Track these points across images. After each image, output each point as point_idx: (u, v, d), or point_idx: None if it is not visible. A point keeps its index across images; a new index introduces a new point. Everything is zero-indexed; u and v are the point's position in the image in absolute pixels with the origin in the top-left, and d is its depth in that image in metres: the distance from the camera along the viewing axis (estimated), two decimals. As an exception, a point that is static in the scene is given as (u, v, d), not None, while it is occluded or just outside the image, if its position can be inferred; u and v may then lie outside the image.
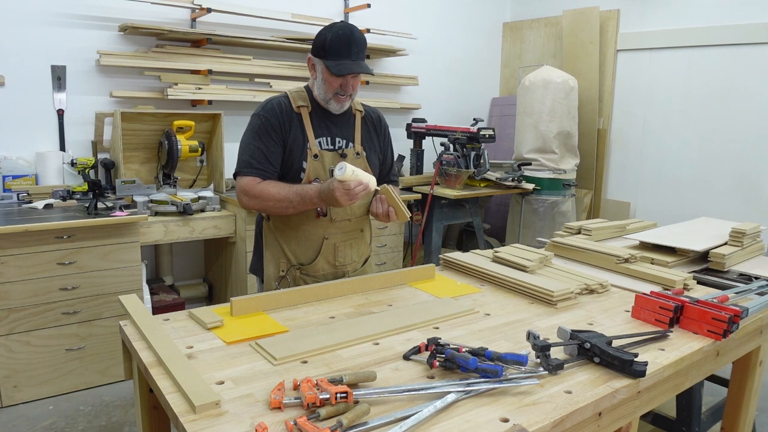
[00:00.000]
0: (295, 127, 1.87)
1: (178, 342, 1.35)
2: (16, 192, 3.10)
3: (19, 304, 2.65)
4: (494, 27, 5.48)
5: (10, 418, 2.60)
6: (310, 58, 1.87)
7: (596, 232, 2.43)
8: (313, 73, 1.88)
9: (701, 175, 4.24)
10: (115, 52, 3.42)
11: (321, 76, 1.84)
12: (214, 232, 3.33)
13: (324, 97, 1.88)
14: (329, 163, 1.89)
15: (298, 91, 1.93)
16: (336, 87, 1.84)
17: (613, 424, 1.27)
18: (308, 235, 1.93)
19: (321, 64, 1.82)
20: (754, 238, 2.31)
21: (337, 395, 1.04)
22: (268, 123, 1.85)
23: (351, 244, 2.00)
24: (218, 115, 3.59)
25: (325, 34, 1.80)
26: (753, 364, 1.92)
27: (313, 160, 1.87)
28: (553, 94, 4.34)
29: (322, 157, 1.89)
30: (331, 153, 1.91)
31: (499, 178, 4.21)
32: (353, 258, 2.02)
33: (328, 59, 1.79)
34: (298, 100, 1.90)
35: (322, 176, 1.88)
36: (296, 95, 1.91)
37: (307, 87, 1.95)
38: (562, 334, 1.34)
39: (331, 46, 1.78)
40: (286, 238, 1.94)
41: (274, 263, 1.96)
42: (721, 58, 4.05)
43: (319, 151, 1.89)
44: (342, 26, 1.81)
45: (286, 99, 1.90)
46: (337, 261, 1.98)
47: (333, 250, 1.96)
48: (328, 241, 1.94)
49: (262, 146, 1.84)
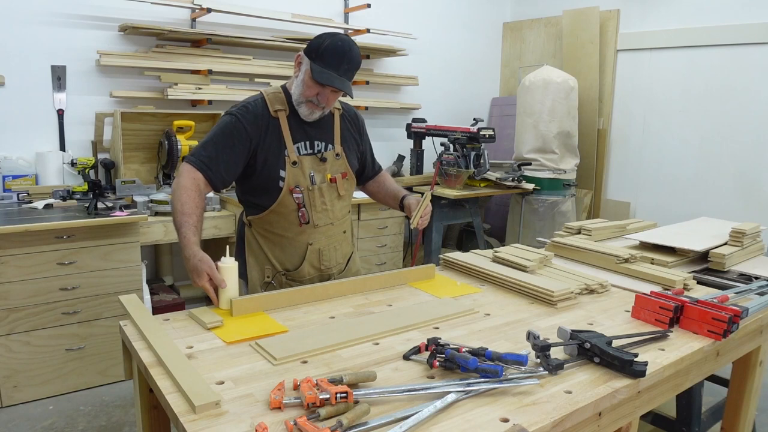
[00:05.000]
0: (271, 134, 1.79)
1: (178, 342, 1.35)
2: (16, 192, 3.10)
3: (19, 304, 2.65)
4: (494, 27, 5.48)
5: (10, 418, 2.60)
6: (300, 55, 1.77)
7: (596, 232, 2.43)
8: (297, 71, 1.79)
9: (701, 175, 4.24)
10: (115, 52, 3.42)
11: (303, 77, 1.76)
12: (214, 232, 3.33)
13: (297, 97, 1.79)
14: (309, 169, 1.84)
15: (275, 93, 1.84)
16: (312, 94, 1.76)
17: (613, 424, 1.27)
18: (292, 242, 1.89)
19: (308, 65, 1.74)
20: (754, 238, 2.31)
21: (337, 395, 1.04)
22: (240, 127, 1.75)
23: (335, 246, 1.97)
24: (218, 115, 3.59)
25: (324, 39, 1.74)
26: (753, 364, 1.92)
27: (292, 167, 1.81)
28: (553, 94, 4.34)
29: (301, 164, 1.82)
30: (310, 157, 1.85)
31: (499, 178, 4.21)
32: (338, 260, 1.99)
33: (316, 63, 1.72)
34: (275, 103, 1.81)
35: (303, 183, 1.83)
36: (273, 98, 1.82)
37: (284, 87, 1.86)
38: (562, 334, 1.34)
39: (325, 52, 1.71)
40: (270, 245, 1.89)
41: (258, 269, 1.91)
42: (721, 58, 4.05)
43: (297, 158, 1.82)
44: (342, 39, 1.75)
45: (263, 102, 1.80)
46: (322, 265, 1.94)
47: (318, 255, 1.92)
48: (313, 247, 1.90)
49: (220, 148, 1.74)
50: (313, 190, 1.85)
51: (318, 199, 1.87)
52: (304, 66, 1.76)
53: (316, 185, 1.85)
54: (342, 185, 1.92)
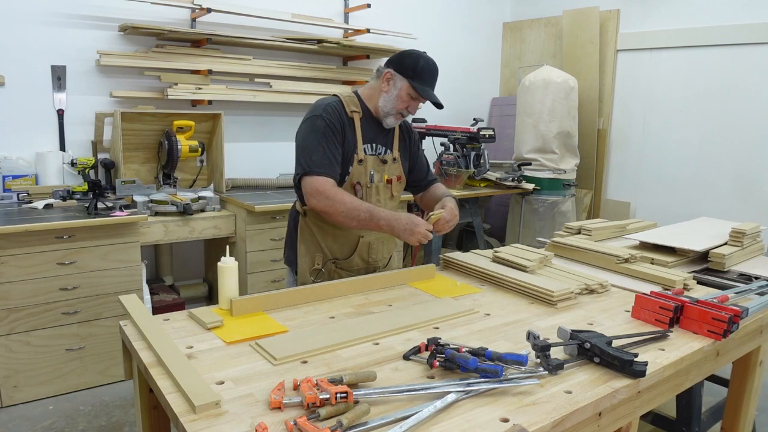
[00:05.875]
0: (348, 132, 1.95)
1: (178, 342, 1.35)
2: (16, 192, 3.11)
3: (19, 304, 2.65)
4: (494, 27, 5.48)
5: (10, 418, 2.60)
6: (391, 72, 1.94)
7: (596, 232, 2.43)
8: (386, 86, 1.95)
9: (701, 175, 4.24)
10: (115, 52, 3.42)
11: (397, 92, 1.93)
12: (214, 232, 3.34)
13: (388, 110, 1.96)
14: (370, 168, 2.00)
15: (350, 96, 2.01)
16: (404, 107, 1.96)
17: (613, 424, 1.27)
18: (345, 233, 2.00)
19: (405, 82, 1.92)
20: (754, 238, 2.31)
21: (337, 395, 1.04)
22: (332, 125, 1.89)
23: (383, 242, 2.10)
24: (218, 115, 3.59)
25: (417, 59, 1.93)
26: (753, 364, 1.92)
27: (358, 165, 1.96)
28: (553, 94, 4.34)
29: (365, 162, 1.98)
30: (372, 158, 2.01)
31: (499, 178, 4.21)
32: (384, 255, 2.13)
33: (415, 81, 1.91)
34: (350, 105, 1.97)
35: (363, 180, 1.98)
36: (348, 100, 1.98)
37: (357, 94, 2.03)
38: (562, 334, 1.34)
39: (422, 71, 1.92)
40: (323, 235, 2.00)
41: (309, 257, 2.03)
42: (721, 58, 4.05)
43: (364, 156, 1.98)
44: (429, 58, 1.96)
45: (340, 103, 1.96)
46: (371, 258, 2.07)
47: (367, 248, 2.05)
48: (364, 239, 2.03)
49: (327, 148, 1.88)
50: (371, 187, 2.00)
51: (374, 197, 2.02)
52: (398, 83, 1.94)
53: (374, 183, 2.01)
54: (395, 186, 2.09)
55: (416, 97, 1.94)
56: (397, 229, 1.82)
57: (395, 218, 1.83)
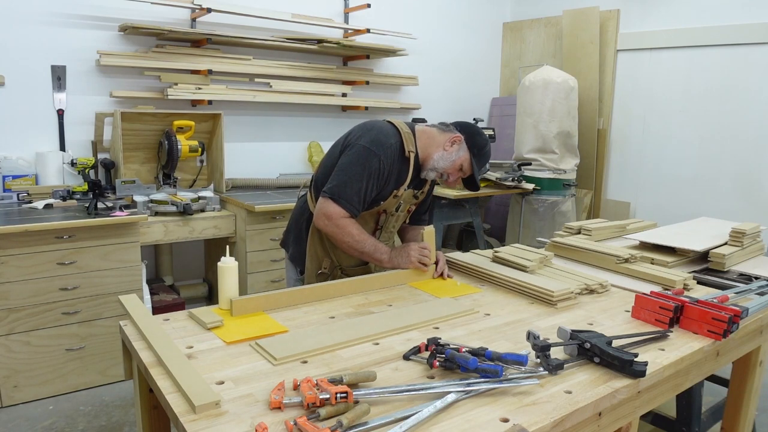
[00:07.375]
0: (397, 170, 1.95)
1: (178, 342, 1.35)
2: (16, 192, 3.10)
3: (19, 304, 2.64)
4: (494, 27, 5.48)
5: (10, 418, 2.60)
6: (461, 139, 1.98)
7: (596, 232, 2.43)
8: (450, 147, 1.97)
9: (701, 175, 4.24)
10: (115, 52, 3.42)
11: (457, 158, 1.98)
12: (214, 232, 3.34)
13: (439, 167, 1.98)
14: (401, 200, 2.03)
15: (408, 134, 1.99)
16: (453, 172, 2.01)
17: (613, 424, 1.27)
18: None
19: (468, 155, 1.98)
20: (754, 238, 2.31)
21: (337, 395, 1.04)
22: (383, 171, 1.90)
23: None
24: (218, 115, 3.59)
25: (486, 142, 2.02)
26: (753, 364, 1.92)
27: (393, 198, 1.99)
28: (553, 94, 4.34)
29: (400, 196, 2.01)
30: (407, 193, 2.03)
31: (499, 178, 4.21)
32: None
33: (477, 159, 2.00)
34: (409, 144, 1.97)
35: (390, 209, 2.03)
36: (407, 138, 1.98)
37: (412, 128, 2.03)
38: (562, 334, 1.34)
39: (484, 155, 2.03)
40: (332, 244, 2.01)
41: (317, 260, 2.05)
42: (721, 58, 4.05)
43: (404, 192, 2.01)
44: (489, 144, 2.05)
45: (400, 142, 1.95)
46: (375, 269, 2.11)
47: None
48: None
49: (364, 188, 1.88)
50: (394, 216, 2.07)
51: (392, 224, 2.10)
52: (462, 153, 1.98)
53: (397, 213, 2.07)
54: (407, 216, 2.16)
55: (466, 172, 2.01)
56: (395, 259, 1.92)
57: (394, 252, 1.93)
